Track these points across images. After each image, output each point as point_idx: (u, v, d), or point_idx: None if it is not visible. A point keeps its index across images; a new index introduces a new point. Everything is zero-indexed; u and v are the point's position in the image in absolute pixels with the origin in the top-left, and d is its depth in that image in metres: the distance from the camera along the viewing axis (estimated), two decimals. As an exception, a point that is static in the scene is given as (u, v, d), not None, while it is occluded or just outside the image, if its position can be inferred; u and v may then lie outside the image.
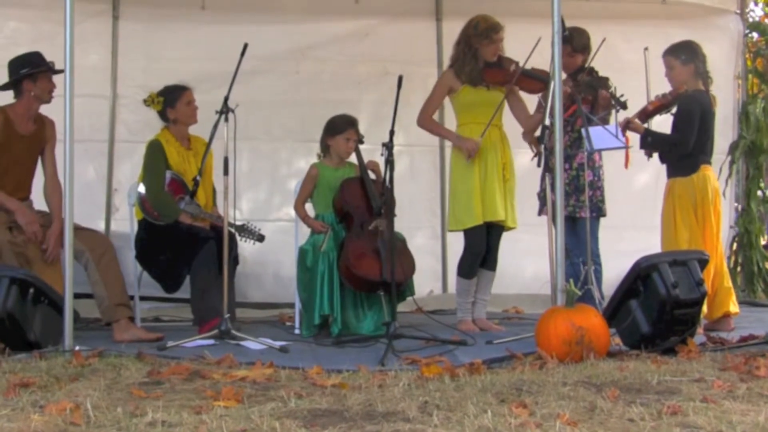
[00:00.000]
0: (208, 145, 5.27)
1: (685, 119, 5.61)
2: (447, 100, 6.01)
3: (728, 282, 5.77)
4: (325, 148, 5.89)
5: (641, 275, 4.65)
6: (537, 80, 5.67)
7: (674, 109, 5.70)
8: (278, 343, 4.95)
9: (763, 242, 7.62)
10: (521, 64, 5.64)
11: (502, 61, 5.76)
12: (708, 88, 5.73)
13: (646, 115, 5.73)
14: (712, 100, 5.75)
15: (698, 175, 5.63)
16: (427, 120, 5.94)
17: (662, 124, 5.92)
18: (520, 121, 5.91)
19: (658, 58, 5.73)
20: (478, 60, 5.77)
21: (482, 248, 5.75)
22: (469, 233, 5.74)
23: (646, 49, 5.63)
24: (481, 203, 5.67)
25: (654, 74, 5.67)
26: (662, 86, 5.75)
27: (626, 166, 5.79)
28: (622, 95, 5.68)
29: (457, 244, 6.01)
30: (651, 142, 5.70)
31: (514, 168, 5.85)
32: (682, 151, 5.65)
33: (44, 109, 5.55)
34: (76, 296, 4.72)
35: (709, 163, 5.76)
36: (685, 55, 5.69)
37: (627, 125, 5.63)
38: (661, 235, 5.72)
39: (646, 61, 5.63)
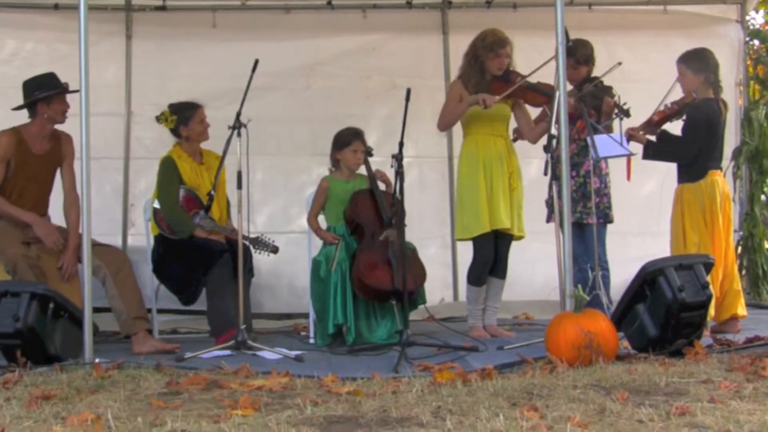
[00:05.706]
0: (222, 159, 5.32)
1: (689, 130, 5.67)
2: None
3: (738, 285, 5.81)
4: (335, 162, 5.95)
5: (648, 280, 4.69)
6: (541, 94, 5.71)
7: (685, 117, 5.77)
8: (293, 353, 5.00)
9: (767, 245, 7.66)
10: (525, 78, 5.69)
11: (508, 75, 5.81)
12: (718, 96, 5.77)
13: (651, 125, 5.78)
14: (723, 107, 5.78)
15: (706, 180, 5.67)
16: (443, 119, 5.95)
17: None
18: (524, 133, 5.96)
19: (661, 69, 5.80)
20: (484, 72, 5.82)
21: (490, 256, 5.79)
22: (477, 241, 5.79)
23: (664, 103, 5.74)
24: (488, 211, 5.71)
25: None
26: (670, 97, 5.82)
27: (628, 178, 5.83)
28: (625, 103, 5.76)
29: (466, 253, 6.05)
30: (653, 153, 5.76)
31: (521, 177, 5.89)
32: (684, 160, 5.72)
33: (62, 127, 5.61)
34: (95, 310, 4.79)
35: (719, 168, 5.81)
36: (697, 64, 5.74)
37: (629, 136, 5.69)
38: (671, 240, 5.76)
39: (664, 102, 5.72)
